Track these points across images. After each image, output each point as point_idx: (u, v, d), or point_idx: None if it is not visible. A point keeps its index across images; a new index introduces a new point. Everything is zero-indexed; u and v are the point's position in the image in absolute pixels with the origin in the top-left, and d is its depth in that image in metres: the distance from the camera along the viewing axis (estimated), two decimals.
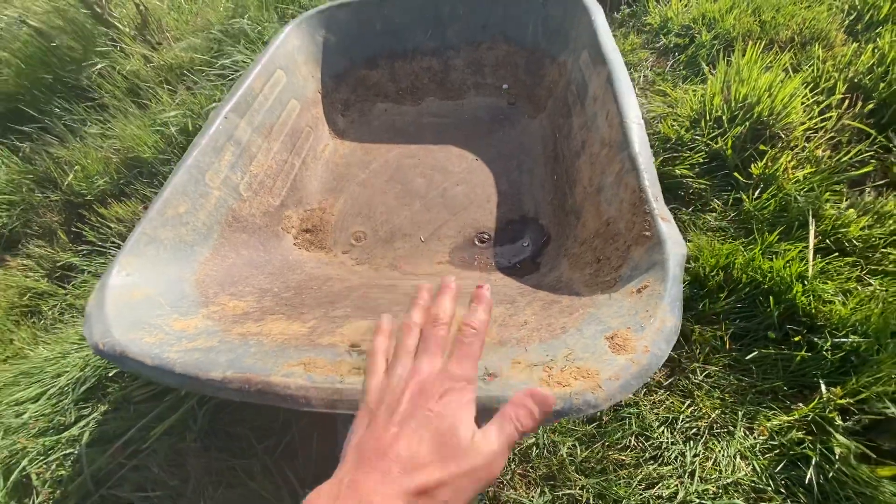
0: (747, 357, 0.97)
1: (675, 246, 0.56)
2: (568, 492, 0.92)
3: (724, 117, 1.26)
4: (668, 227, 0.58)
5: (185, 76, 1.84)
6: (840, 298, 0.96)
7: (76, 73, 1.91)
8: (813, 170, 1.14)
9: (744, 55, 1.35)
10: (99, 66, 1.87)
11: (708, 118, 1.28)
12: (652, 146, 1.02)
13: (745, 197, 1.16)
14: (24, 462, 0.99)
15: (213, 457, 1.01)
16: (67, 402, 1.09)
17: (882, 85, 1.26)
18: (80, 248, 1.49)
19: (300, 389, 0.49)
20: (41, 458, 1.01)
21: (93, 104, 1.84)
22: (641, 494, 0.90)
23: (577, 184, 0.84)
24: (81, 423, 1.05)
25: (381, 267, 0.93)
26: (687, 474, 0.91)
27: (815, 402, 0.89)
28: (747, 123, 1.23)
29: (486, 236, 0.94)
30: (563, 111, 0.97)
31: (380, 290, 0.79)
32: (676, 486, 0.90)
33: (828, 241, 1.05)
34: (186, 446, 1.02)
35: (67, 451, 1.01)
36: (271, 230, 0.93)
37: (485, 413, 0.45)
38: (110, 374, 1.10)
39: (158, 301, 0.65)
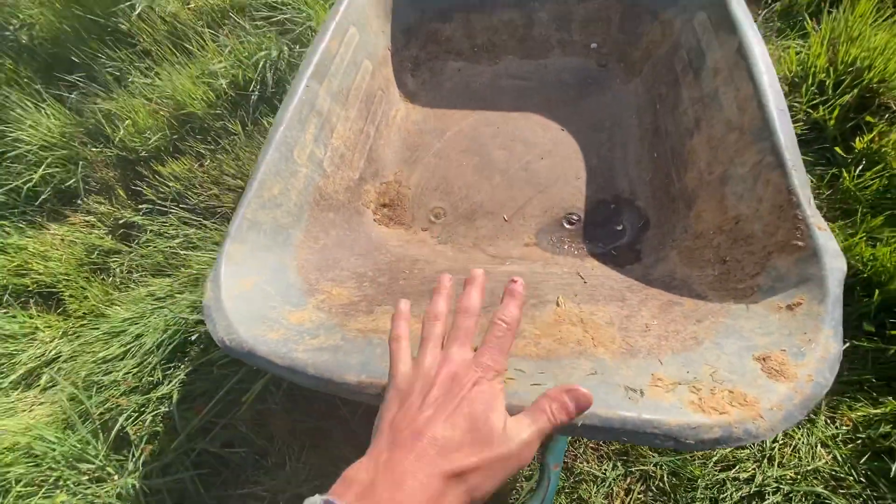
0: None
1: (834, 260, 0.51)
2: (641, 468, 0.95)
3: (828, 82, 1.14)
4: (824, 237, 0.53)
5: (227, 20, 1.73)
6: None
7: (114, 15, 1.81)
8: None
9: (855, 7, 1.20)
10: (137, 6, 1.77)
11: (810, 82, 1.16)
12: None
13: (844, 174, 1.08)
14: (121, 419, 1.05)
15: (295, 419, 1.06)
16: (153, 362, 1.14)
17: None
18: (140, 205, 1.49)
19: None
20: (136, 415, 1.07)
21: (134, 51, 1.76)
22: (717, 476, 0.92)
23: (689, 167, 0.78)
24: (169, 383, 1.10)
25: (465, 247, 0.90)
26: (766, 459, 0.92)
27: None
28: (855, 91, 1.11)
29: (576, 217, 0.89)
30: (668, 79, 0.88)
31: (459, 284, 0.77)
32: (754, 469, 0.91)
33: None
34: (269, 408, 1.07)
35: (160, 410, 1.07)
36: (353, 207, 0.90)
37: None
38: (192, 338, 1.14)
39: (268, 291, 0.65)
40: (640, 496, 0.92)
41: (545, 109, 1.02)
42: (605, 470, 0.95)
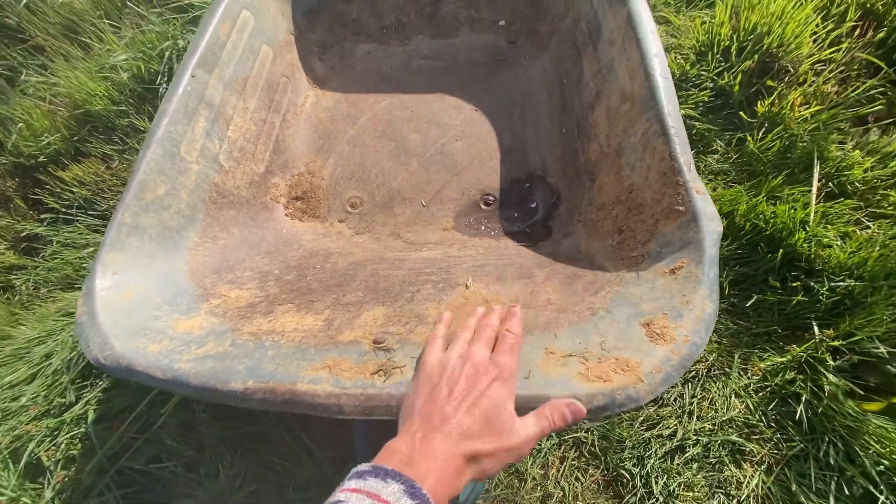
0: (747, 305, 1.00)
1: (710, 222, 0.53)
2: (574, 435, 0.97)
3: (732, 49, 1.19)
4: (702, 200, 0.54)
5: (129, 8, 1.60)
6: (839, 243, 0.97)
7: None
8: (820, 107, 1.10)
9: None
10: None
11: (715, 51, 1.20)
12: None
13: (749, 138, 1.12)
14: (32, 445, 0.97)
15: (225, 426, 1.02)
16: (64, 382, 1.06)
17: (895, 11, 1.19)
18: (42, 216, 1.37)
19: (330, 397, 0.47)
20: (48, 439, 0.99)
21: (25, 47, 1.60)
22: (643, 434, 0.96)
23: (591, 140, 0.78)
24: (83, 402, 1.03)
25: (383, 236, 0.88)
26: (685, 414, 0.96)
27: (808, 343, 0.93)
28: (756, 56, 1.16)
29: (492, 198, 0.89)
30: (572, 54, 0.89)
31: (388, 266, 0.75)
32: (675, 425, 0.95)
33: (831, 184, 1.04)
34: (196, 417, 1.02)
35: (75, 431, 1.00)
36: (260, 202, 0.86)
37: (524, 410, 0.45)
38: None
39: (154, 300, 0.60)
40: (573, 462, 0.95)
41: (458, 90, 1.00)
42: (540, 441, 0.97)
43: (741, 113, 1.15)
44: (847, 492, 0.83)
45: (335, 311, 0.61)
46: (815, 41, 1.19)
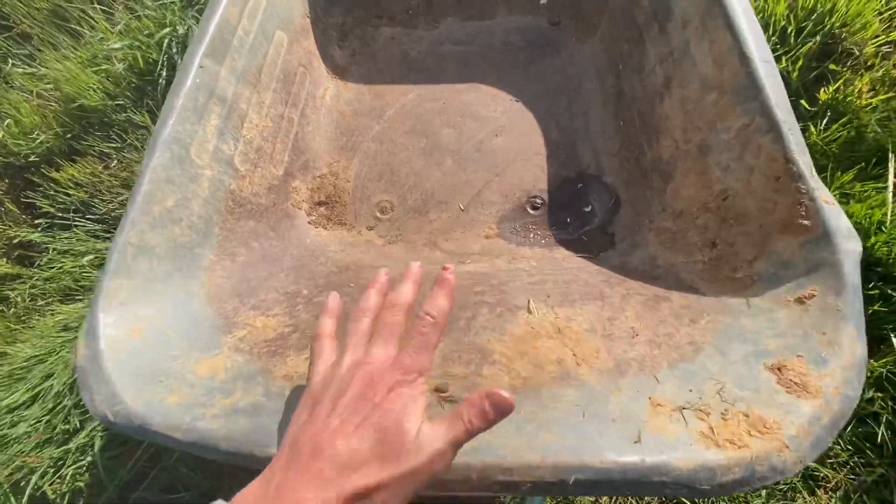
0: None
1: (847, 241, 0.43)
2: None
3: (789, 30, 1.08)
4: (834, 213, 0.45)
5: None
6: None
7: None
8: (891, 94, 0.99)
9: None
10: None
11: (770, 32, 1.09)
12: None
13: (811, 127, 1.02)
14: (35, 478, 0.89)
15: None
16: (67, 406, 0.97)
17: None
18: (36, 220, 1.27)
19: None
20: (52, 470, 0.91)
21: (11, 35, 1.48)
22: None
23: (661, 135, 0.68)
24: (88, 429, 0.94)
25: (418, 245, 0.78)
26: None
27: (888, 357, 0.85)
28: (818, 37, 1.05)
29: (539, 201, 0.79)
30: (629, 35, 0.78)
31: (427, 283, 0.66)
32: None
33: None
34: None
35: (81, 462, 0.92)
36: (280, 209, 0.76)
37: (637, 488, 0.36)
38: None
39: (168, 334, 0.51)
40: None
41: (495, 78, 0.90)
42: None
43: (801, 101, 1.05)
44: None
45: None
46: (880, 20, 1.08)
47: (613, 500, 0.85)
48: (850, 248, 0.43)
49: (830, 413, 0.37)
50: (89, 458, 0.92)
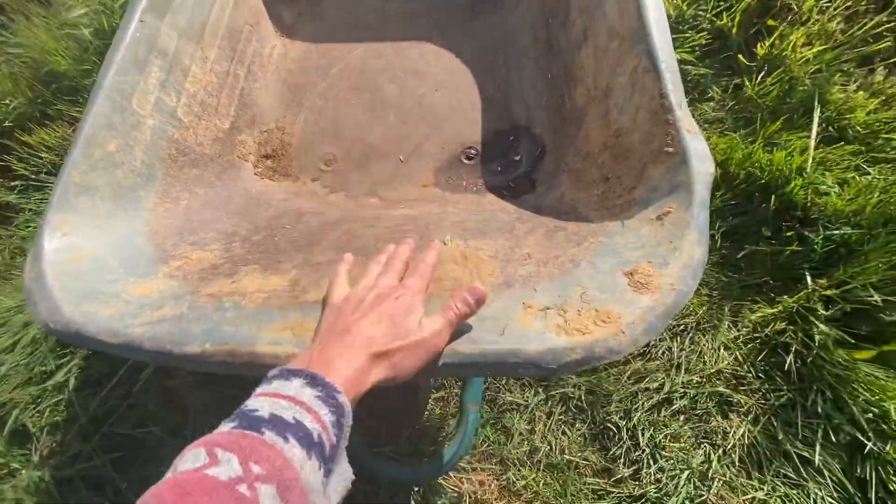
0: (738, 256, 0.97)
1: (701, 164, 0.49)
2: (561, 390, 0.97)
3: None
4: (694, 140, 0.50)
5: None
6: (836, 190, 0.94)
7: None
8: (824, 46, 1.03)
9: None
10: None
11: None
12: None
13: (747, 82, 1.07)
14: (16, 412, 0.97)
15: (210, 390, 1.01)
16: (43, 351, 1.04)
17: None
18: (12, 183, 1.31)
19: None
20: (32, 406, 0.99)
21: None
22: (630, 388, 0.95)
23: (578, 83, 0.73)
24: (64, 371, 1.01)
25: (359, 195, 0.83)
26: (673, 367, 0.95)
27: (800, 293, 0.91)
28: None
29: (474, 151, 0.84)
30: None
31: (362, 224, 0.71)
32: (663, 378, 0.95)
33: (831, 128, 0.99)
34: (178, 383, 1.01)
35: (57, 398, 0.99)
36: (226, 160, 0.81)
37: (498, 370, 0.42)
38: None
39: (109, 262, 0.57)
40: (560, 416, 0.95)
41: (437, 35, 0.93)
42: (528, 397, 0.96)
43: (740, 56, 1.09)
44: (833, 439, 0.83)
45: (303, 271, 0.57)
46: None
47: (547, 427, 0.93)
48: (702, 169, 0.49)
49: (664, 304, 0.43)
50: (65, 396, 0.99)
